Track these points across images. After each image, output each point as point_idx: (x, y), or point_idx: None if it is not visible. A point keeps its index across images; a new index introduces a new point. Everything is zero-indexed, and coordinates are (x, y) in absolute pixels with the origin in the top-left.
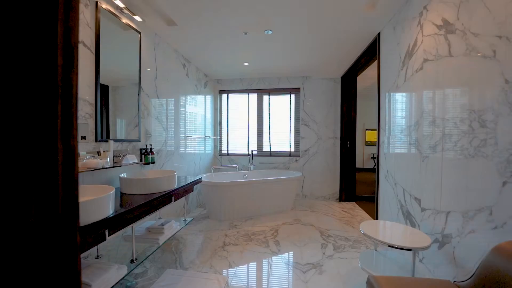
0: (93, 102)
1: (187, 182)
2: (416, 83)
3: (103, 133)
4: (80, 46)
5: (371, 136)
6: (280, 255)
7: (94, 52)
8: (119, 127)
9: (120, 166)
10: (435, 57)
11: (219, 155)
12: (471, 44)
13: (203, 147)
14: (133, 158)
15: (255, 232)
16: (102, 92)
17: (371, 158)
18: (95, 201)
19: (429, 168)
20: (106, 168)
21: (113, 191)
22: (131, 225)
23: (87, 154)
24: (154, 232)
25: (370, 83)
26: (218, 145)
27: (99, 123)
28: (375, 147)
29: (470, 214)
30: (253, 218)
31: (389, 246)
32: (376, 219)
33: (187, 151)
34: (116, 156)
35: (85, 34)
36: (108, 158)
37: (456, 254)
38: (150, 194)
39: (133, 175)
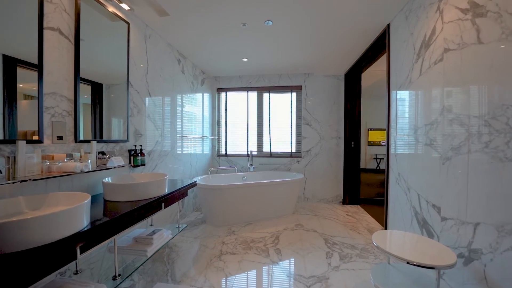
0: (72, 97)
1: (180, 186)
2: (435, 76)
3: (96, 133)
4: (56, 34)
5: (374, 136)
6: (281, 266)
7: (73, 42)
8: (116, 127)
9: (105, 169)
10: (459, 45)
11: (217, 155)
12: (509, 27)
13: (200, 148)
14: (119, 161)
15: (255, 239)
16: (96, 90)
17: (374, 158)
18: (63, 213)
19: (451, 172)
20: (87, 172)
21: (87, 200)
22: (112, 238)
23: (66, 156)
24: (142, 243)
25: (374, 81)
26: (216, 146)
27: (80, 121)
28: (378, 147)
29: (507, 228)
30: (253, 223)
31: (408, 263)
32: (386, 226)
33: (183, 152)
34: (100, 158)
35: (62, 21)
36: (89, 161)
37: (488, 274)
38: (136, 201)
39: (119, 179)
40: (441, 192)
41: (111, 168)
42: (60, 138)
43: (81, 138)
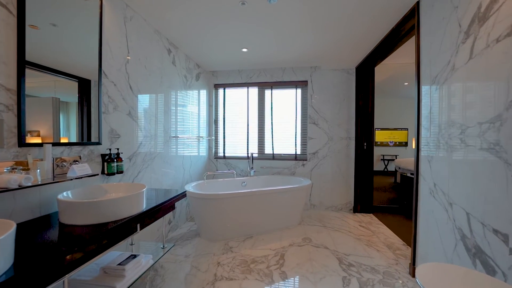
0: (14, 87)
1: (165, 199)
2: (496, 57)
3: (83, 135)
4: None
5: (381, 136)
6: None
7: (15, 13)
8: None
9: (66, 181)
10: None
11: (215, 158)
12: None
13: (196, 150)
14: (84, 169)
15: (256, 259)
16: (83, 87)
17: (381, 159)
18: None
19: None
20: (34, 186)
21: (8, 233)
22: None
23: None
24: (112, 275)
25: (384, 77)
26: (213, 147)
27: (24, 118)
28: (385, 148)
29: None
30: (253, 237)
31: None
32: (414, 247)
33: (177, 154)
34: (61, 166)
35: None
36: (39, 171)
37: None
38: (103, 224)
39: (82, 194)
40: (510, 213)
41: (72, 179)
42: None
43: (26, 140)
